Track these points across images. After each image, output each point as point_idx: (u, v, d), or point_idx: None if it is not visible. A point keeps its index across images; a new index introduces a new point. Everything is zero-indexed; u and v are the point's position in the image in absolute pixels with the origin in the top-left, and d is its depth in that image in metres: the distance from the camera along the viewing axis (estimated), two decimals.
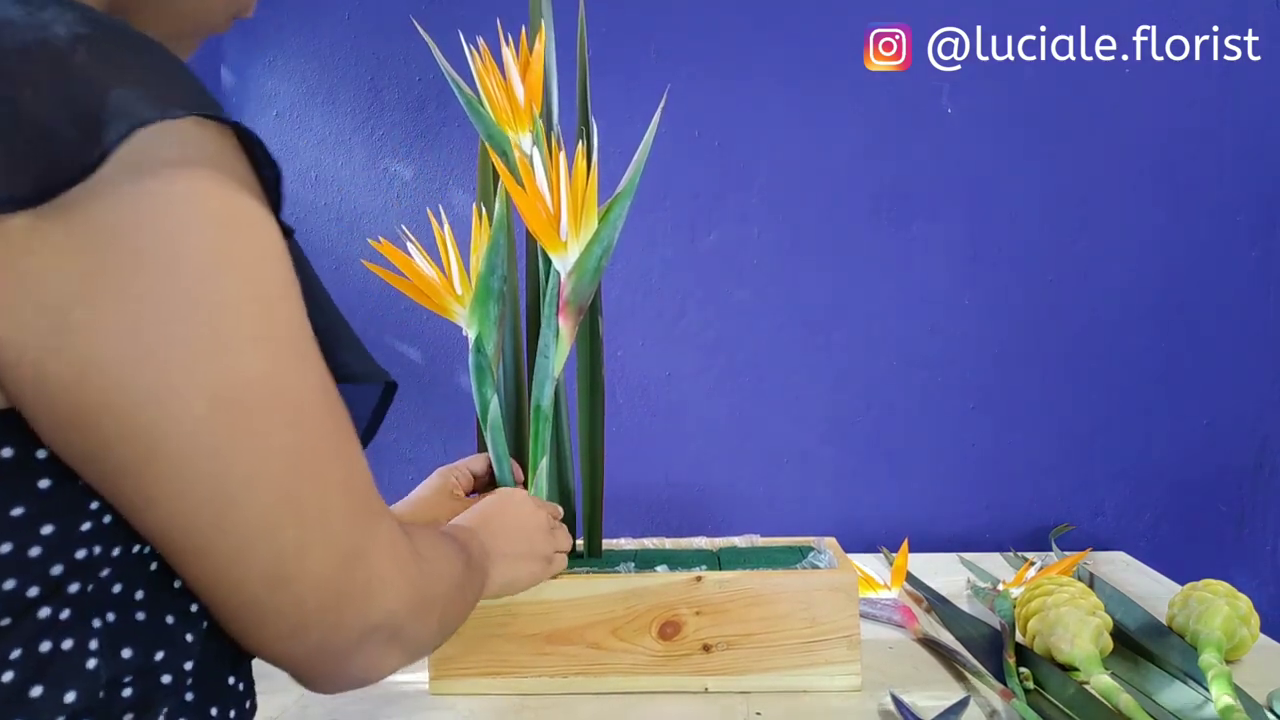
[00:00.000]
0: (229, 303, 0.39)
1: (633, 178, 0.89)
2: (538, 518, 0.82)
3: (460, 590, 0.60)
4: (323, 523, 0.43)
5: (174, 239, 0.38)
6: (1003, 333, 1.38)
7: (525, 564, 0.79)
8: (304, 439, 0.42)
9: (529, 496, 0.84)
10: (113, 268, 0.37)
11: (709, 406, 1.41)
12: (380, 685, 0.92)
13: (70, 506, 0.40)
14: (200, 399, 0.39)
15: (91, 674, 0.41)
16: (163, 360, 0.38)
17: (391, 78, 1.40)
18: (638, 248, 1.38)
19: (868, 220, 1.38)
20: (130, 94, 0.36)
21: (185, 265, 0.38)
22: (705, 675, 0.88)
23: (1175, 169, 1.35)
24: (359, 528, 0.45)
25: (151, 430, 0.38)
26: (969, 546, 1.37)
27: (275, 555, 0.42)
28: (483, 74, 0.88)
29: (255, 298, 0.40)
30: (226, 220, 0.40)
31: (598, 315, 0.97)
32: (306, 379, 0.43)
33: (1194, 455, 1.38)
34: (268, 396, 0.40)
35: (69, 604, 0.41)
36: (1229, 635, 0.90)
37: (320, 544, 0.43)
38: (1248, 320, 1.37)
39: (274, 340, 0.41)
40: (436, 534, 0.63)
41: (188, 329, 0.38)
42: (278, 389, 0.41)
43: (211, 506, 0.40)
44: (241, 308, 0.40)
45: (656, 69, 1.36)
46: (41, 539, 0.39)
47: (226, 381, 0.39)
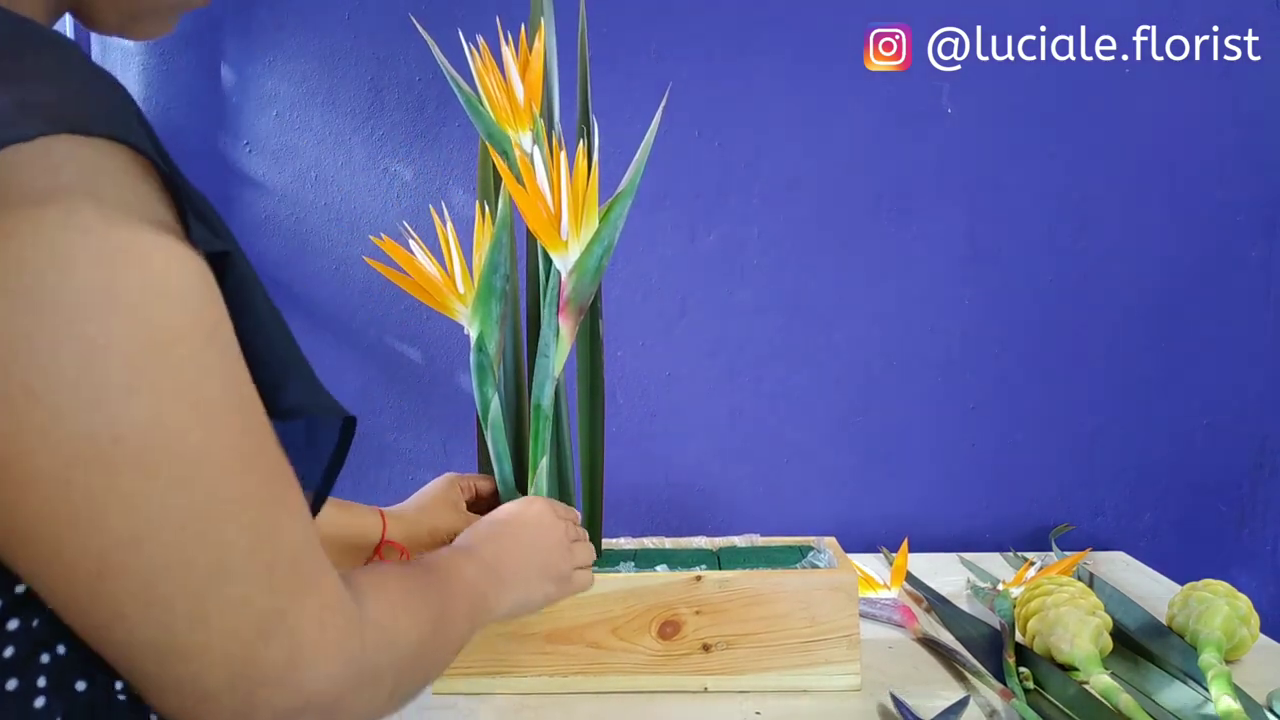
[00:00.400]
0: (101, 348, 0.35)
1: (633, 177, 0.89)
2: (554, 533, 0.77)
3: (428, 646, 0.53)
4: (223, 592, 0.38)
5: (38, 278, 0.34)
6: (1003, 333, 1.38)
7: (538, 584, 0.74)
8: (196, 499, 0.37)
9: (548, 506, 0.79)
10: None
11: (709, 406, 1.40)
12: None
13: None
14: (61, 456, 0.34)
15: (41, 713, 0.39)
16: (19, 412, 0.34)
17: (391, 78, 1.40)
18: (638, 248, 1.38)
19: (868, 220, 1.38)
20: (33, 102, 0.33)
21: (52, 306, 0.34)
22: (705, 675, 0.88)
23: (1175, 169, 1.35)
24: (277, 596, 0.40)
25: (8, 489, 0.35)
26: (969, 546, 1.37)
27: (162, 626, 0.38)
28: (482, 73, 0.88)
29: (135, 341, 0.36)
30: (104, 255, 0.35)
31: (598, 315, 0.97)
32: (206, 430, 0.38)
33: (1194, 455, 1.38)
34: (145, 452, 0.36)
35: (10, 641, 0.38)
36: (1229, 635, 0.90)
37: (221, 615, 0.38)
38: (1248, 320, 1.37)
39: (157, 389, 0.36)
40: (408, 579, 0.55)
41: (49, 379, 0.34)
42: (159, 444, 0.36)
43: (83, 573, 0.36)
44: (116, 353, 0.35)
45: (656, 69, 1.36)
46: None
47: (93, 436, 0.35)
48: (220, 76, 1.42)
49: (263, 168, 1.42)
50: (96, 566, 0.36)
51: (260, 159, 1.42)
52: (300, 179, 1.41)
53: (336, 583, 0.44)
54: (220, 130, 1.41)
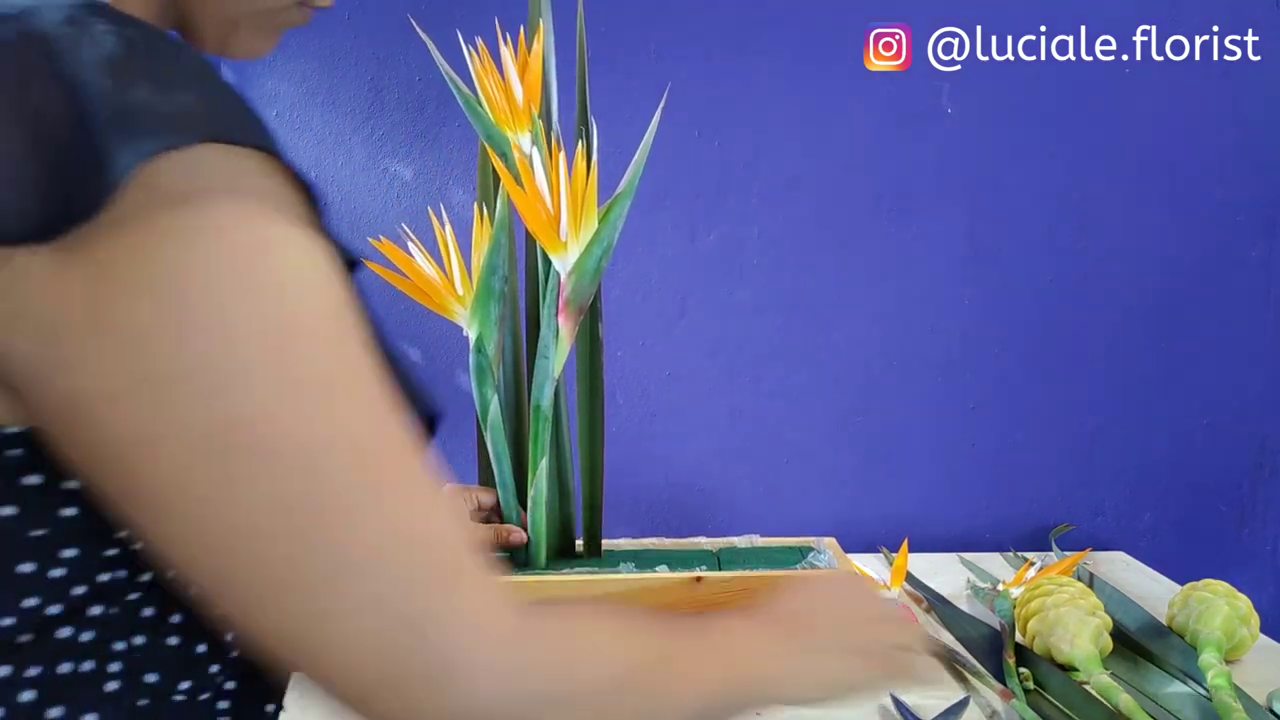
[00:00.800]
0: (230, 337, 0.35)
1: (633, 178, 0.89)
2: (871, 605, 0.64)
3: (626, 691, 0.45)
4: (358, 587, 0.37)
5: (173, 271, 0.35)
6: (1003, 333, 1.38)
7: (844, 658, 0.57)
8: (324, 488, 0.37)
9: (862, 581, 0.67)
10: (105, 300, 0.34)
11: (709, 406, 1.40)
12: None
13: (94, 532, 0.39)
14: (190, 442, 0.35)
15: (112, 696, 0.41)
16: (152, 400, 0.35)
17: (391, 78, 1.40)
18: (638, 248, 1.38)
19: (868, 220, 1.38)
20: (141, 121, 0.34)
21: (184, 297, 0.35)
22: None
23: (1175, 169, 1.35)
24: (420, 595, 0.38)
25: (137, 471, 0.36)
26: (969, 546, 1.37)
27: (301, 619, 0.37)
28: (481, 74, 0.88)
29: (267, 331, 0.36)
30: (239, 248, 0.36)
31: (598, 315, 0.97)
32: (335, 420, 0.37)
33: (1194, 455, 1.38)
34: (271, 439, 0.36)
35: (91, 626, 0.40)
36: (1229, 635, 0.90)
37: (359, 612, 0.37)
38: (1248, 320, 1.37)
39: (286, 377, 0.36)
40: (619, 616, 0.48)
41: (178, 366, 0.35)
42: (285, 432, 0.36)
43: (212, 556, 0.37)
44: (246, 341, 0.36)
45: (656, 69, 1.36)
46: (64, 561, 0.39)
47: (219, 423, 0.35)
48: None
49: None
50: (224, 554, 0.36)
51: None
52: None
53: (493, 586, 0.41)
54: None
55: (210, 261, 0.35)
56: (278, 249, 0.37)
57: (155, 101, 0.35)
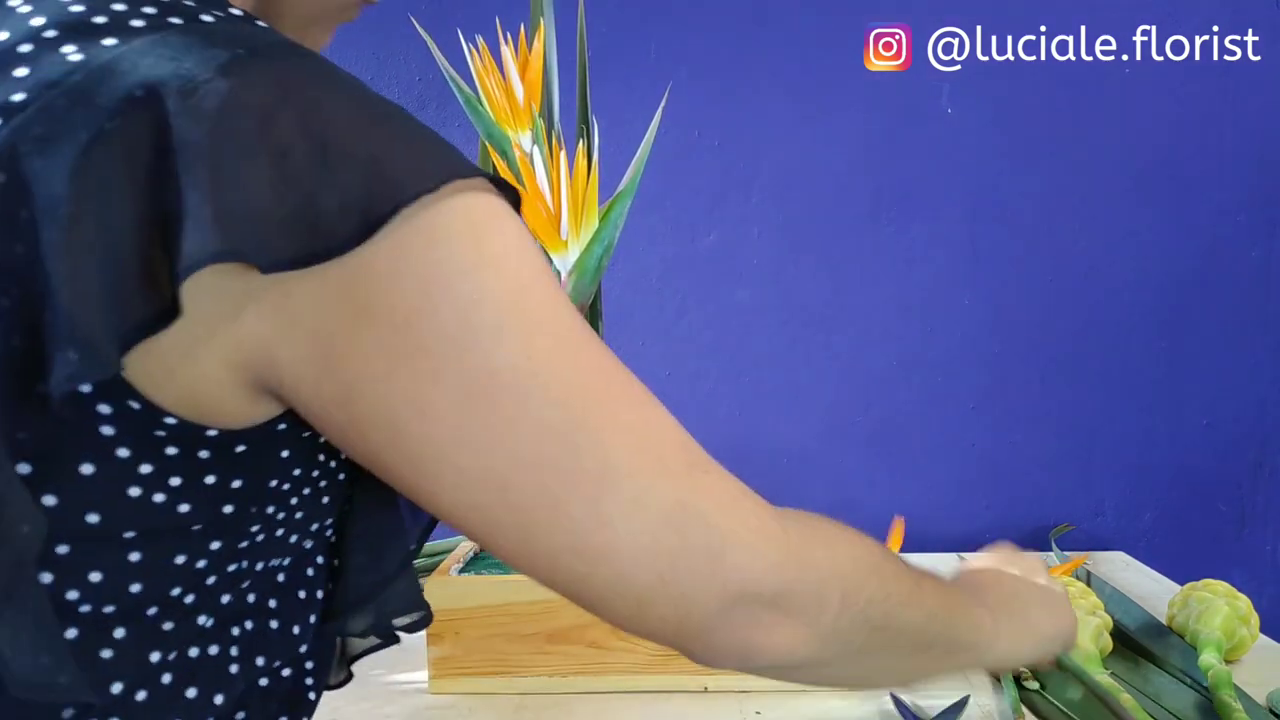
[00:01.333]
0: (475, 301, 0.40)
1: (633, 177, 0.89)
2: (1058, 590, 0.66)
3: (883, 577, 0.49)
4: (618, 492, 0.41)
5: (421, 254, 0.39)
6: (1003, 333, 1.38)
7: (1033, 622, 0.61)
8: (573, 413, 0.41)
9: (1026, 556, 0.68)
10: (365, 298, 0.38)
11: (709, 406, 1.40)
12: (380, 685, 0.92)
13: (238, 525, 0.43)
14: (454, 394, 0.39)
15: (234, 678, 0.45)
16: (418, 364, 0.39)
17: (391, 78, 1.40)
18: (638, 248, 1.38)
19: (867, 220, 1.38)
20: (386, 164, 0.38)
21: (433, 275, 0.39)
22: (705, 675, 0.88)
23: (1175, 169, 1.35)
24: (675, 484, 0.42)
25: (411, 434, 0.40)
26: (969, 546, 1.36)
27: (572, 533, 0.41)
28: (482, 73, 0.88)
29: (503, 292, 0.40)
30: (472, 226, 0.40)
31: (597, 316, 0.97)
32: (569, 354, 0.42)
33: (1194, 455, 1.38)
34: (521, 379, 0.40)
35: (217, 613, 0.44)
36: (1229, 635, 0.90)
37: (624, 516, 0.41)
38: (1248, 320, 1.37)
39: (523, 328, 0.41)
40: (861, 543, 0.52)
41: (436, 332, 0.39)
42: (531, 371, 0.40)
43: (487, 492, 0.41)
44: (488, 304, 0.40)
45: (656, 69, 1.36)
46: (209, 553, 0.42)
47: (474, 376, 0.39)
48: None
49: None
50: (500, 484, 0.40)
51: None
52: None
53: (734, 478, 0.46)
54: None
55: (454, 240, 0.39)
56: (503, 222, 0.41)
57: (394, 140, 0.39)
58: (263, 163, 0.36)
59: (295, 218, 0.36)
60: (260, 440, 0.42)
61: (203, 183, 0.35)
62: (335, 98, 0.39)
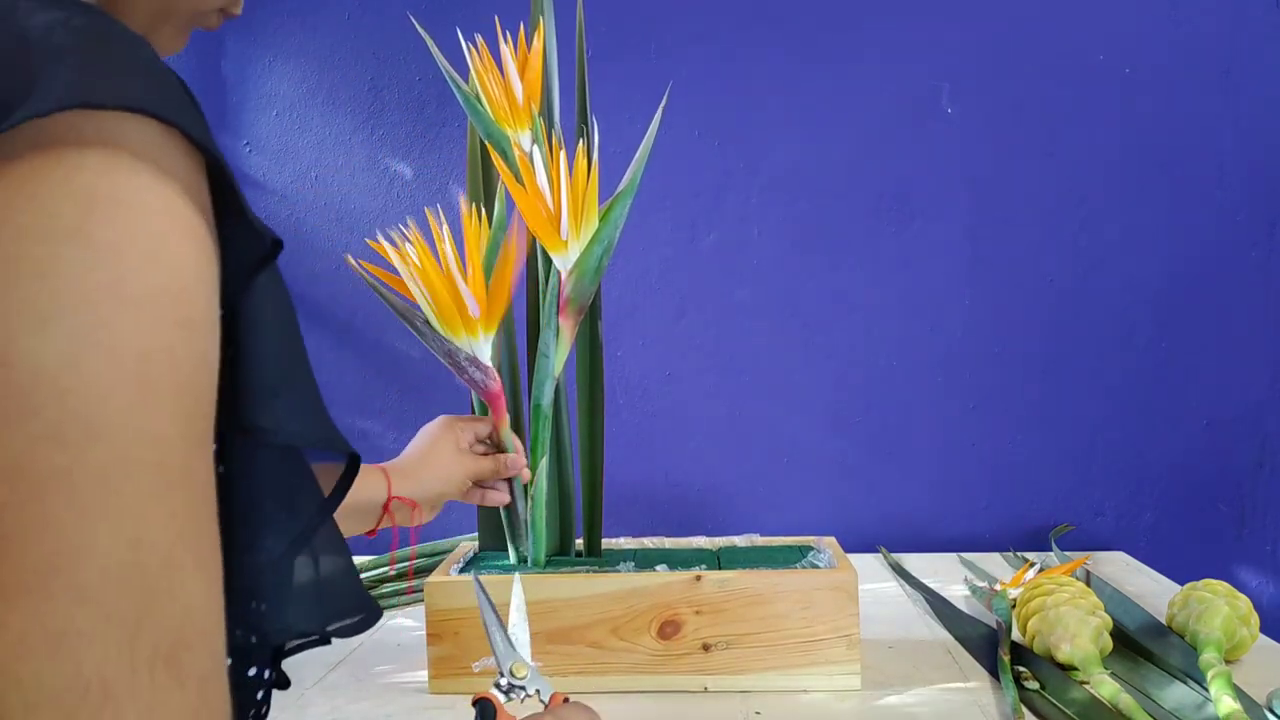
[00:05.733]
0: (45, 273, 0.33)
1: (634, 176, 0.89)
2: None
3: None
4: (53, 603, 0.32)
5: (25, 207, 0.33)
6: (1003, 333, 1.38)
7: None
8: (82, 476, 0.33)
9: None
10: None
11: (709, 406, 1.40)
12: (380, 685, 0.92)
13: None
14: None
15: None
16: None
17: (391, 78, 1.40)
18: (638, 248, 1.38)
19: (868, 220, 1.38)
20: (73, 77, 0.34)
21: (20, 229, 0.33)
22: (705, 675, 0.88)
23: (1175, 169, 1.35)
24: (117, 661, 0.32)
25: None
26: (969, 546, 1.37)
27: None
28: (481, 72, 0.88)
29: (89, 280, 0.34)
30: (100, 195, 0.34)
31: (598, 315, 0.97)
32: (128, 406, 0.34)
33: (1194, 455, 1.38)
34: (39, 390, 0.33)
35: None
36: (1229, 635, 0.90)
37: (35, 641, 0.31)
38: (1248, 320, 1.37)
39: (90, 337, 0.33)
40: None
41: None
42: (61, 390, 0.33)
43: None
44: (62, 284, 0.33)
45: (656, 68, 1.36)
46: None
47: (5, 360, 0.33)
48: (220, 76, 1.42)
49: (263, 168, 1.42)
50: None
51: (260, 159, 1.42)
52: (300, 179, 1.41)
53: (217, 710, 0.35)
54: (220, 130, 1.41)
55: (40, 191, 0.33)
56: (134, 215, 0.35)
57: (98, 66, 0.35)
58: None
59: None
60: None
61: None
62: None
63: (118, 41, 0.38)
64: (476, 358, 0.86)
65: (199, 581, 0.35)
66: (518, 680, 0.66)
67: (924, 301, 1.38)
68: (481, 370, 0.86)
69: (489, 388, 0.87)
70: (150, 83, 0.37)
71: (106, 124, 0.35)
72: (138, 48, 0.39)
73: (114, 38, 0.38)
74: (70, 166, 0.34)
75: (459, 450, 0.88)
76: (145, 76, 0.37)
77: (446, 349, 0.86)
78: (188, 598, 0.34)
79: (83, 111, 0.34)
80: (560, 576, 0.89)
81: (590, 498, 0.99)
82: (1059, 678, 0.86)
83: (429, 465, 0.86)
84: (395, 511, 0.83)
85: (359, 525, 0.83)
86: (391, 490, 0.83)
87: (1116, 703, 0.79)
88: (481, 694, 0.65)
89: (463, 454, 0.88)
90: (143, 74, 0.37)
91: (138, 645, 0.32)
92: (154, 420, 0.34)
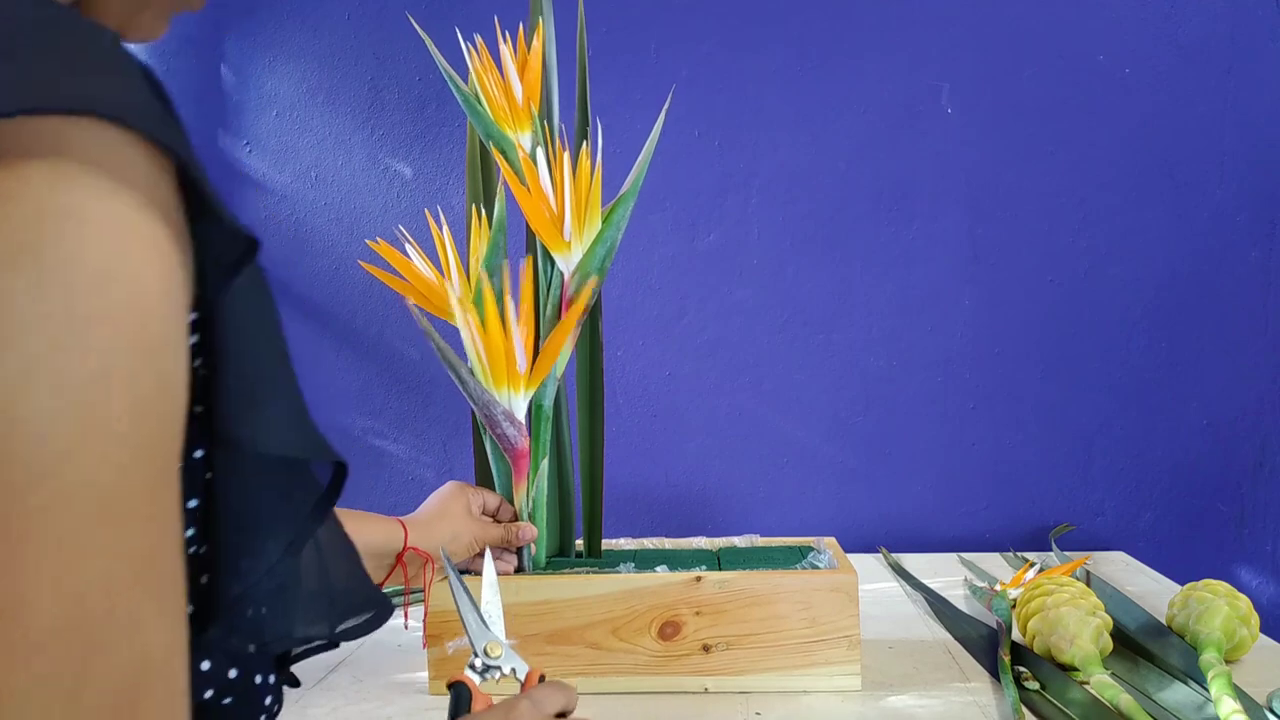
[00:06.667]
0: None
1: (636, 178, 0.89)
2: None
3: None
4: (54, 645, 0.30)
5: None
6: (1003, 333, 1.38)
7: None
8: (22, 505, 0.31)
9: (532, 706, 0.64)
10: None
11: (709, 406, 1.40)
12: (380, 685, 0.92)
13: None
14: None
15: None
16: None
17: (391, 78, 1.40)
18: (638, 248, 1.38)
19: (868, 220, 1.38)
20: (14, 78, 0.32)
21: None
22: (705, 675, 0.88)
23: (1175, 169, 1.35)
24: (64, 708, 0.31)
25: None
26: (969, 546, 1.37)
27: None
28: (480, 72, 0.88)
29: (42, 301, 0.31)
30: (56, 211, 0.32)
31: (598, 315, 0.97)
32: (80, 433, 0.32)
33: (1194, 455, 1.38)
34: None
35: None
36: (1229, 635, 0.90)
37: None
38: (1248, 320, 1.37)
39: (36, 358, 0.31)
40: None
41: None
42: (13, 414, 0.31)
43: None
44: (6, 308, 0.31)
45: (657, 68, 1.36)
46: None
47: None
48: (220, 76, 1.42)
49: (263, 168, 1.42)
50: None
51: (260, 159, 1.42)
52: (300, 179, 1.41)
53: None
54: (220, 130, 1.41)
55: (15, 210, 0.31)
56: (107, 228, 0.32)
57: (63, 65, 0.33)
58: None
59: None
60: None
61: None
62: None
63: (70, 34, 0.35)
64: (512, 413, 0.87)
65: (157, 620, 0.33)
66: (492, 660, 0.65)
67: (924, 301, 1.38)
68: (515, 426, 0.88)
69: (517, 444, 0.88)
70: (107, 81, 0.34)
71: (53, 130, 0.32)
72: (96, 39, 0.36)
73: (65, 29, 0.35)
74: (14, 179, 0.31)
75: (469, 513, 0.89)
76: (101, 74, 0.35)
77: (485, 399, 0.86)
78: (144, 641, 0.32)
79: (25, 118, 0.32)
80: (560, 577, 0.89)
81: (590, 498, 0.99)
82: (1059, 678, 0.86)
83: (442, 521, 0.87)
84: (409, 564, 0.83)
85: (372, 569, 0.82)
86: (408, 541, 0.83)
87: (1117, 703, 0.79)
88: (456, 677, 0.63)
89: (473, 518, 0.89)
90: (99, 70, 0.35)
91: (82, 702, 0.30)
92: (104, 456, 0.32)
